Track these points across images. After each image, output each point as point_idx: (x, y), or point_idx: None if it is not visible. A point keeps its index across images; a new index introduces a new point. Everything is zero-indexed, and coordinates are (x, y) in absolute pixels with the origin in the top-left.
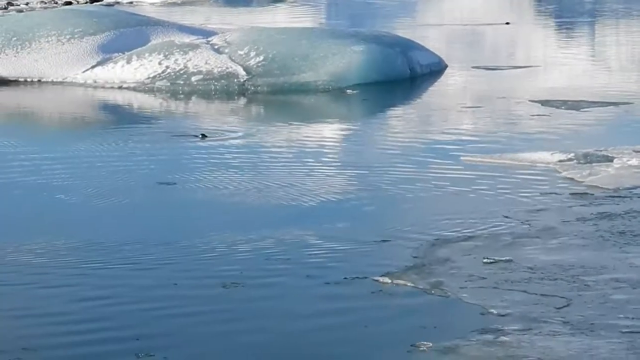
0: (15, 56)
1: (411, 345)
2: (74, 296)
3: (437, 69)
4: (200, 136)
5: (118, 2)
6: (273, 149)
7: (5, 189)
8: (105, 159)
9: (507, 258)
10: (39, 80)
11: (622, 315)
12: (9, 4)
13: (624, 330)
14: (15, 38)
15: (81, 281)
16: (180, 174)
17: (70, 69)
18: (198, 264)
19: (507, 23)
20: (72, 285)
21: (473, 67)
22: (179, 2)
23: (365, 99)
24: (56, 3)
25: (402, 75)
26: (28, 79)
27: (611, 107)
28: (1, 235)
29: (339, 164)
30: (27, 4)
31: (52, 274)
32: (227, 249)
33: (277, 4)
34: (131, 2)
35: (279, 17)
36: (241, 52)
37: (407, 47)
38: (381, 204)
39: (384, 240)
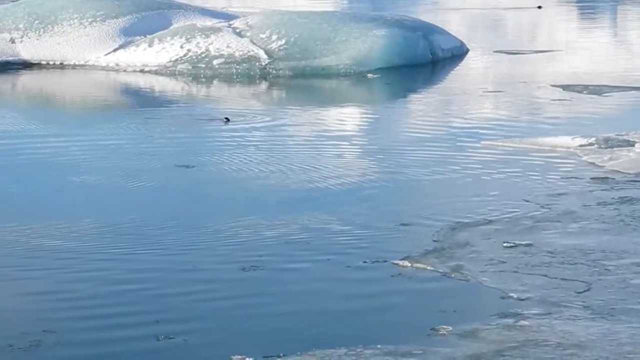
0: (37, 39)
1: (431, 329)
2: (95, 280)
3: (458, 53)
4: (225, 120)
5: None
6: (294, 133)
7: (29, 171)
8: (127, 142)
9: (527, 242)
10: (61, 64)
11: None
12: None
13: None
14: (37, 21)
15: (102, 265)
16: (201, 157)
17: (93, 52)
18: (218, 247)
19: (539, 7)
20: (93, 269)
21: (495, 52)
22: None
23: (389, 83)
24: None
25: (424, 60)
26: (50, 62)
27: (633, 91)
28: (26, 217)
29: (360, 147)
30: None
31: (75, 258)
32: (247, 233)
33: None
34: None
35: (300, 1)
36: (263, 36)
37: (428, 31)
38: (401, 188)
39: (403, 224)
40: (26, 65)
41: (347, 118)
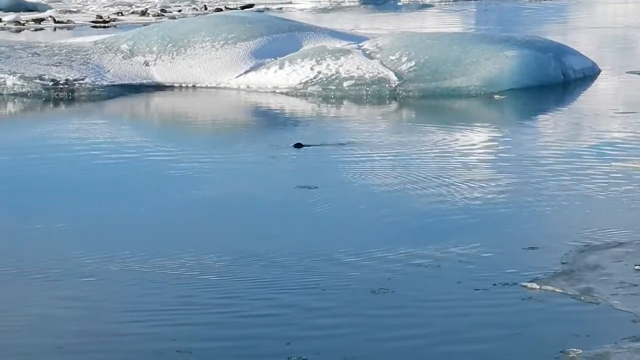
0: (170, 62)
1: (560, 352)
2: (229, 307)
3: (590, 74)
4: (296, 145)
5: (268, 8)
6: (422, 155)
7: (154, 195)
8: (250, 163)
9: None
10: (194, 86)
11: None
12: (163, 11)
13: None
14: (170, 44)
15: (234, 295)
16: (326, 179)
17: (224, 75)
18: (346, 270)
19: None
20: (227, 297)
21: (627, 72)
22: (329, 7)
23: (525, 104)
24: (207, 9)
25: (555, 81)
26: (183, 85)
27: None
28: (148, 245)
29: (489, 169)
30: (179, 10)
31: (203, 289)
32: (374, 256)
33: (426, 9)
34: (280, 8)
35: (428, 22)
36: (392, 58)
37: (560, 52)
38: (530, 209)
39: (531, 247)
40: (159, 87)
41: (476, 139)
